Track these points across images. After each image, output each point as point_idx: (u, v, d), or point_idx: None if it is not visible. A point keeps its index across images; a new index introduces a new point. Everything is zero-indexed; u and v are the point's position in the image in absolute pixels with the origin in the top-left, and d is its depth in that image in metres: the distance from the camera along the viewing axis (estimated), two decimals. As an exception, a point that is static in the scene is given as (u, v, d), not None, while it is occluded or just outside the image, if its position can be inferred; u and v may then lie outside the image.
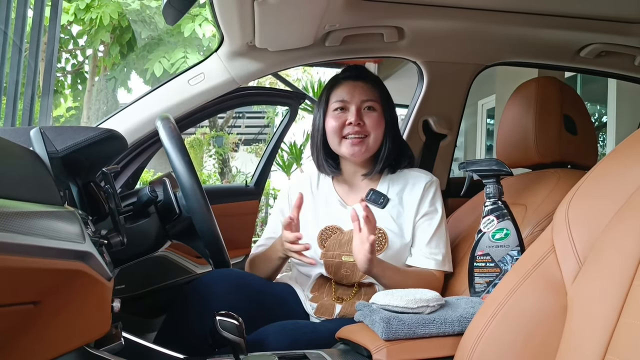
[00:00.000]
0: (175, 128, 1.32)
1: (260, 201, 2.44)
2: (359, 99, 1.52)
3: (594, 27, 1.68)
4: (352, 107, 1.51)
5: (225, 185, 6.27)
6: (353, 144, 1.50)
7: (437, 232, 1.50)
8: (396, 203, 1.53)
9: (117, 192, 1.16)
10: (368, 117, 1.52)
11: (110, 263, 0.88)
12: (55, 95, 8.29)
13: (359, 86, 1.53)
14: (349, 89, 1.53)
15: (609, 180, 0.81)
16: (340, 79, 1.57)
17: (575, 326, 0.73)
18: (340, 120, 1.52)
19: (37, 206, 0.62)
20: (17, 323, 0.58)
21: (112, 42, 7.77)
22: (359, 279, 1.46)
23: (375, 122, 1.52)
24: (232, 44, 1.67)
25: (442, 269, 1.48)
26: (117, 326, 0.93)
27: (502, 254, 1.20)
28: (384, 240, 1.46)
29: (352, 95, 1.52)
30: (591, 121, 1.59)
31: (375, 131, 1.52)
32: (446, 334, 1.03)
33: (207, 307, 1.30)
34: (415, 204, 1.52)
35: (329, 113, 1.55)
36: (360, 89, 1.53)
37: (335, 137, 1.53)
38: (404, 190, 1.55)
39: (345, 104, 1.53)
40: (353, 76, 1.56)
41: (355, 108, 1.51)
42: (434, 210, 1.52)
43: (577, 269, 0.77)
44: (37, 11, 2.58)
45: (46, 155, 0.78)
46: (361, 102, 1.52)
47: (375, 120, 1.52)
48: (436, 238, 1.50)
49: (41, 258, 0.56)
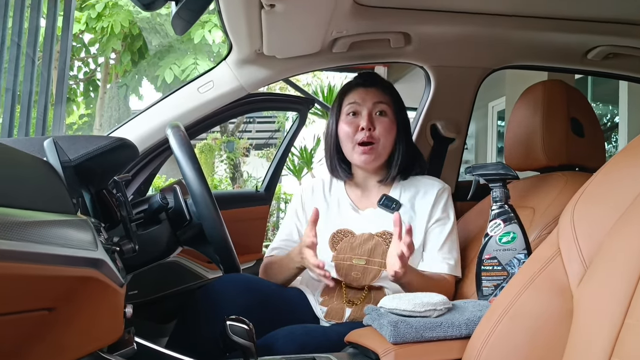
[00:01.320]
0: (185, 136, 1.34)
1: (270, 206, 2.45)
2: (370, 102, 1.54)
3: (601, 30, 1.67)
4: (364, 111, 1.54)
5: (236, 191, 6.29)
6: (364, 152, 1.53)
7: (449, 237, 1.51)
8: (408, 208, 1.54)
9: (129, 199, 1.18)
10: (379, 123, 1.54)
11: (122, 269, 0.89)
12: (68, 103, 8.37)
13: (371, 92, 1.56)
14: (361, 94, 1.56)
15: (614, 183, 0.81)
16: (353, 85, 1.60)
17: (581, 329, 0.74)
18: (352, 125, 1.54)
19: (51, 215, 0.63)
20: (32, 329, 0.59)
21: (123, 49, 7.84)
22: (369, 282, 1.48)
23: (386, 127, 1.54)
24: (240, 52, 1.69)
25: (454, 273, 1.49)
26: (129, 331, 0.94)
27: (509, 257, 1.20)
28: None
29: (364, 99, 1.55)
30: (598, 123, 1.58)
31: (386, 137, 1.54)
32: (453, 337, 1.04)
33: (218, 311, 1.31)
34: (427, 210, 1.53)
35: (342, 118, 1.58)
36: (372, 94, 1.56)
37: (348, 143, 1.56)
38: (416, 196, 1.56)
39: (358, 107, 1.55)
40: (365, 82, 1.59)
41: (367, 112, 1.53)
42: (447, 216, 1.54)
43: (583, 271, 0.78)
44: (49, 21, 2.62)
45: (59, 165, 0.80)
46: (373, 105, 1.54)
47: (386, 125, 1.54)
48: (449, 243, 1.51)
49: (55, 266, 0.58)
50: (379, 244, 1.49)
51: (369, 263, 1.48)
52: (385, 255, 1.46)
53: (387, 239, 1.48)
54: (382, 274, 1.46)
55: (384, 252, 1.47)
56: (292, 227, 1.65)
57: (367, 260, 1.48)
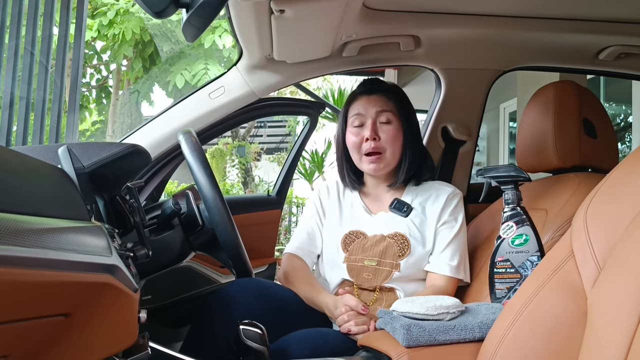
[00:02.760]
0: (197, 142, 1.35)
1: (282, 210, 2.46)
2: (374, 111, 1.55)
3: (613, 30, 1.66)
4: (368, 121, 1.55)
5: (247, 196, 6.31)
6: (371, 162, 1.54)
7: (455, 239, 1.51)
8: (419, 212, 1.55)
9: (142, 205, 1.19)
10: (384, 132, 1.54)
11: (136, 275, 0.90)
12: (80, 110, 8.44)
13: (374, 99, 1.57)
14: (364, 103, 1.57)
15: (628, 183, 0.81)
16: (357, 94, 1.61)
17: (596, 331, 0.73)
18: (358, 136, 1.56)
19: (66, 222, 0.64)
20: (49, 334, 0.60)
21: (134, 56, 7.91)
22: (381, 283, 1.48)
23: (392, 136, 1.54)
24: (251, 58, 1.70)
25: (456, 275, 1.48)
26: (144, 336, 0.95)
27: (522, 259, 1.20)
28: (407, 246, 1.48)
29: (367, 109, 1.56)
30: (611, 124, 1.57)
31: (392, 146, 1.54)
32: (467, 340, 1.03)
33: (231, 316, 1.32)
34: (437, 213, 1.54)
35: (349, 129, 1.59)
36: (374, 102, 1.56)
37: (355, 153, 1.58)
38: (428, 200, 1.57)
39: (362, 118, 1.56)
40: (368, 90, 1.60)
41: (371, 122, 1.54)
42: (454, 219, 1.54)
43: (597, 273, 0.77)
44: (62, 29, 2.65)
45: (73, 172, 0.81)
46: (376, 114, 1.55)
47: (391, 134, 1.54)
48: (454, 245, 1.51)
49: (71, 272, 0.59)
50: (390, 245, 1.49)
51: (380, 264, 1.48)
52: (397, 257, 1.47)
53: (399, 240, 1.49)
54: (393, 275, 1.47)
55: (396, 253, 1.48)
56: (313, 225, 1.66)
57: (379, 262, 1.48)
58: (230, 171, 10.19)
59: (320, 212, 1.66)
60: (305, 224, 1.67)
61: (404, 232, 1.50)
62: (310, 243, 1.63)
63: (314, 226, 1.65)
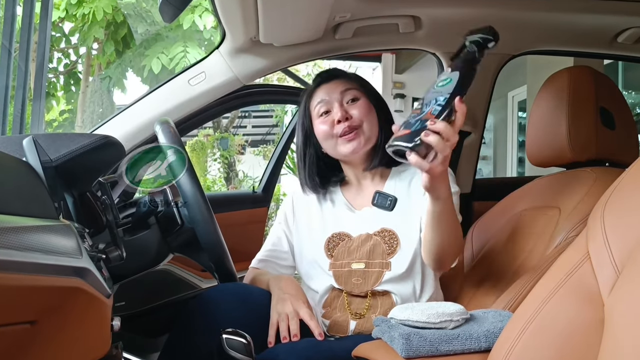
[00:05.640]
0: (176, 133, 1.35)
1: (269, 208, 2.46)
2: (337, 92, 1.55)
3: (633, 10, 1.67)
4: (334, 104, 1.54)
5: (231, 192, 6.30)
6: (349, 140, 1.52)
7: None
8: (404, 199, 1.53)
9: (115, 202, 1.19)
10: (354, 108, 1.53)
11: (109, 279, 0.90)
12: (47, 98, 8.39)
13: (334, 83, 1.57)
14: (325, 90, 1.57)
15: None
16: (314, 87, 1.60)
17: (615, 339, 0.73)
18: (327, 122, 1.54)
19: (31, 220, 0.64)
20: (14, 344, 0.60)
21: (106, 38, 7.84)
22: (372, 286, 1.47)
23: (364, 110, 1.54)
24: (234, 40, 1.69)
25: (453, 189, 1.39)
26: (117, 346, 0.95)
27: (432, 97, 1.16)
28: (396, 242, 1.48)
29: (330, 93, 1.55)
30: (631, 114, 1.58)
31: (367, 118, 1.53)
32: (472, 350, 1.04)
33: (213, 324, 1.31)
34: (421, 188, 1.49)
35: (315, 120, 1.57)
36: (335, 84, 1.56)
37: (328, 140, 1.55)
38: (412, 181, 1.56)
39: (327, 104, 1.55)
40: (325, 79, 1.59)
41: (337, 104, 1.53)
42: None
43: (615, 277, 0.77)
44: (26, 8, 2.62)
45: (40, 166, 0.80)
46: (341, 94, 1.54)
47: (362, 108, 1.54)
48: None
49: (37, 275, 0.58)
50: (377, 243, 1.49)
51: (369, 266, 1.48)
52: (386, 255, 1.46)
53: (386, 237, 1.49)
54: (384, 275, 1.46)
55: (384, 251, 1.48)
56: (280, 234, 1.66)
57: (367, 263, 1.48)
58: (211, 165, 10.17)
59: (290, 219, 1.65)
60: (271, 234, 1.68)
61: (390, 227, 1.50)
62: (275, 255, 1.64)
63: (281, 235, 1.65)
